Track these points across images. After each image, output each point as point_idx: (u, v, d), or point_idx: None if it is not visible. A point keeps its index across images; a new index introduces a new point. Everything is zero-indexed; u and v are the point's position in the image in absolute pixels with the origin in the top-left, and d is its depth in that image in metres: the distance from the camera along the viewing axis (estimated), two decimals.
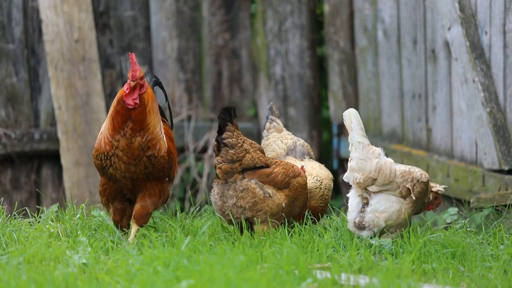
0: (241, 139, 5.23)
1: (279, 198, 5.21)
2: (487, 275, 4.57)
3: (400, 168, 5.20)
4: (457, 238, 5.10)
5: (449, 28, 6.46)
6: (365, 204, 5.22)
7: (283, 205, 5.22)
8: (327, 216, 5.82)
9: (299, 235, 5.09)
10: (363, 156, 5.21)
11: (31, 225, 5.34)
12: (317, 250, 4.79)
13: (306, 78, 7.97)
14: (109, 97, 7.60)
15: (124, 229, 5.11)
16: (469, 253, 4.91)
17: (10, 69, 7.33)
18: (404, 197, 5.19)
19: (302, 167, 5.52)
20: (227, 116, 5.20)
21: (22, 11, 7.35)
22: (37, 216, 5.49)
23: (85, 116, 7.42)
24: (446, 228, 5.83)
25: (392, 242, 5.06)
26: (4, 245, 4.92)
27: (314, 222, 5.41)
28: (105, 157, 4.97)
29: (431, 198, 5.37)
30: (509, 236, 5.23)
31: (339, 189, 7.81)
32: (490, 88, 6.19)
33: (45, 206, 6.99)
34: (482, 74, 6.22)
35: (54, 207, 5.94)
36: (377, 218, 5.17)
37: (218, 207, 5.26)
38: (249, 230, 5.20)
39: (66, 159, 7.35)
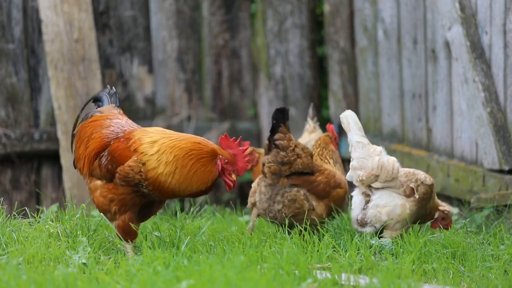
0: (293, 142, 5.22)
1: (320, 209, 5.25)
2: (487, 275, 4.57)
3: (405, 169, 5.25)
4: (457, 238, 5.09)
5: (449, 28, 6.46)
6: (368, 201, 5.24)
7: (324, 215, 5.26)
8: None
9: (299, 235, 5.09)
10: (363, 155, 5.24)
11: (30, 225, 5.34)
12: (317, 250, 4.79)
13: (306, 78, 7.96)
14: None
15: (132, 239, 4.89)
16: (469, 253, 4.91)
17: (10, 69, 7.32)
18: (408, 196, 5.21)
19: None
20: (280, 117, 5.19)
21: (22, 11, 7.34)
22: (37, 216, 5.48)
23: None
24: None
25: (392, 242, 5.07)
26: (4, 245, 4.91)
27: None
28: (149, 184, 4.80)
29: (436, 215, 5.40)
30: (510, 236, 5.23)
31: None
32: (490, 88, 6.19)
33: (45, 206, 6.98)
34: (482, 74, 6.21)
35: (54, 207, 5.94)
36: (378, 213, 5.19)
37: (263, 208, 5.27)
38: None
39: (66, 159, 7.34)
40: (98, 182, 4.88)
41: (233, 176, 4.78)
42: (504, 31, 6.08)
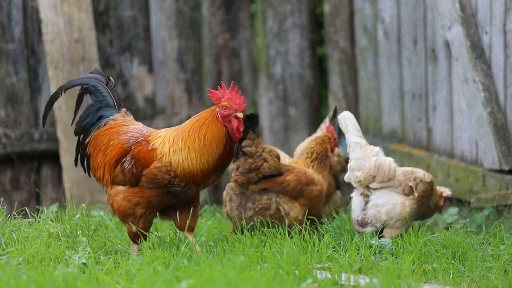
0: (260, 147, 5.21)
1: (296, 210, 5.23)
2: (487, 275, 4.57)
3: (403, 168, 5.26)
4: (457, 238, 5.09)
5: (449, 28, 6.46)
6: (367, 201, 5.25)
7: (300, 217, 5.24)
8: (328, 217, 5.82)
9: (299, 235, 5.09)
10: (361, 155, 5.25)
11: (30, 225, 5.34)
12: (317, 250, 4.79)
13: (306, 78, 7.96)
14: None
15: (141, 240, 4.89)
16: (469, 253, 4.91)
17: (10, 69, 7.32)
18: (407, 195, 5.21)
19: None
20: (249, 123, 5.18)
21: (22, 11, 7.34)
22: (37, 216, 5.48)
23: None
24: (446, 228, 5.83)
25: (392, 242, 5.06)
26: (4, 245, 4.91)
27: None
28: (181, 180, 4.80)
29: (442, 203, 5.44)
30: (510, 236, 5.23)
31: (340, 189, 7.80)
32: (490, 88, 6.19)
33: (45, 206, 6.98)
34: (482, 74, 6.21)
35: (54, 207, 5.94)
36: (378, 213, 5.19)
37: (235, 215, 5.27)
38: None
39: (66, 159, 7.34)
40: (121, 187, 4.85)
41: (239, 115, 4.75)
42: (504, 31, 6.07)
